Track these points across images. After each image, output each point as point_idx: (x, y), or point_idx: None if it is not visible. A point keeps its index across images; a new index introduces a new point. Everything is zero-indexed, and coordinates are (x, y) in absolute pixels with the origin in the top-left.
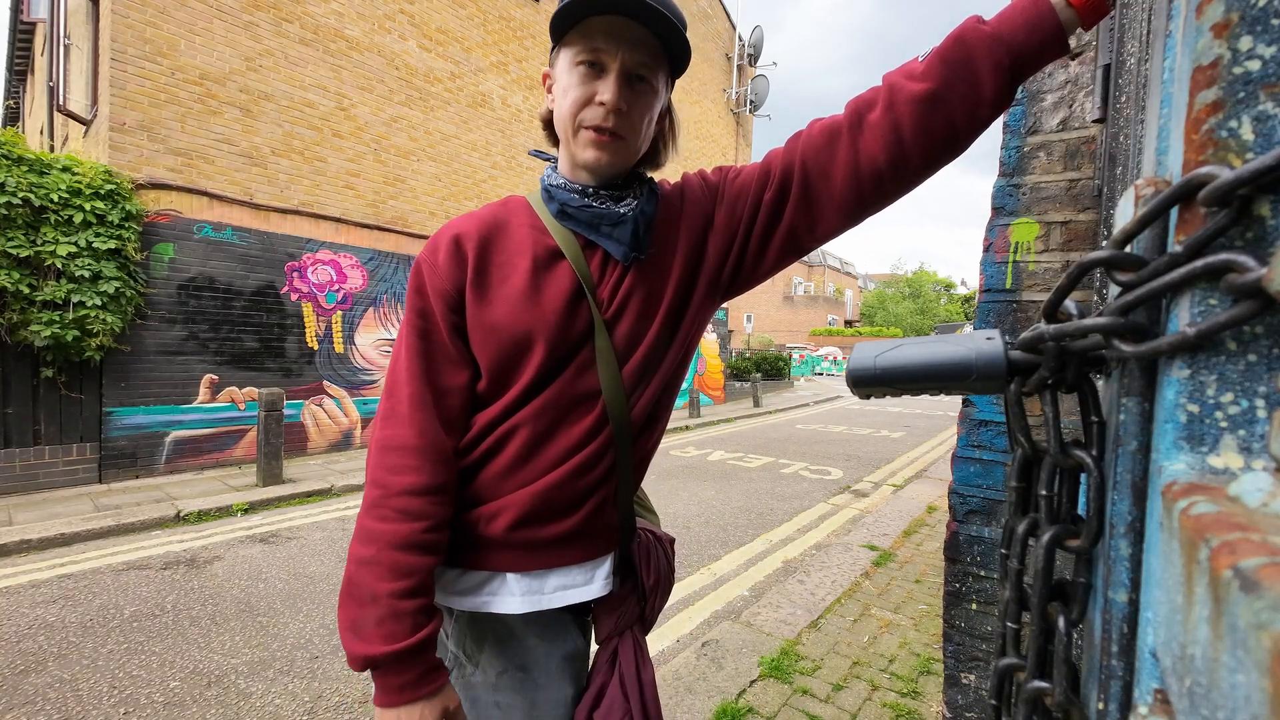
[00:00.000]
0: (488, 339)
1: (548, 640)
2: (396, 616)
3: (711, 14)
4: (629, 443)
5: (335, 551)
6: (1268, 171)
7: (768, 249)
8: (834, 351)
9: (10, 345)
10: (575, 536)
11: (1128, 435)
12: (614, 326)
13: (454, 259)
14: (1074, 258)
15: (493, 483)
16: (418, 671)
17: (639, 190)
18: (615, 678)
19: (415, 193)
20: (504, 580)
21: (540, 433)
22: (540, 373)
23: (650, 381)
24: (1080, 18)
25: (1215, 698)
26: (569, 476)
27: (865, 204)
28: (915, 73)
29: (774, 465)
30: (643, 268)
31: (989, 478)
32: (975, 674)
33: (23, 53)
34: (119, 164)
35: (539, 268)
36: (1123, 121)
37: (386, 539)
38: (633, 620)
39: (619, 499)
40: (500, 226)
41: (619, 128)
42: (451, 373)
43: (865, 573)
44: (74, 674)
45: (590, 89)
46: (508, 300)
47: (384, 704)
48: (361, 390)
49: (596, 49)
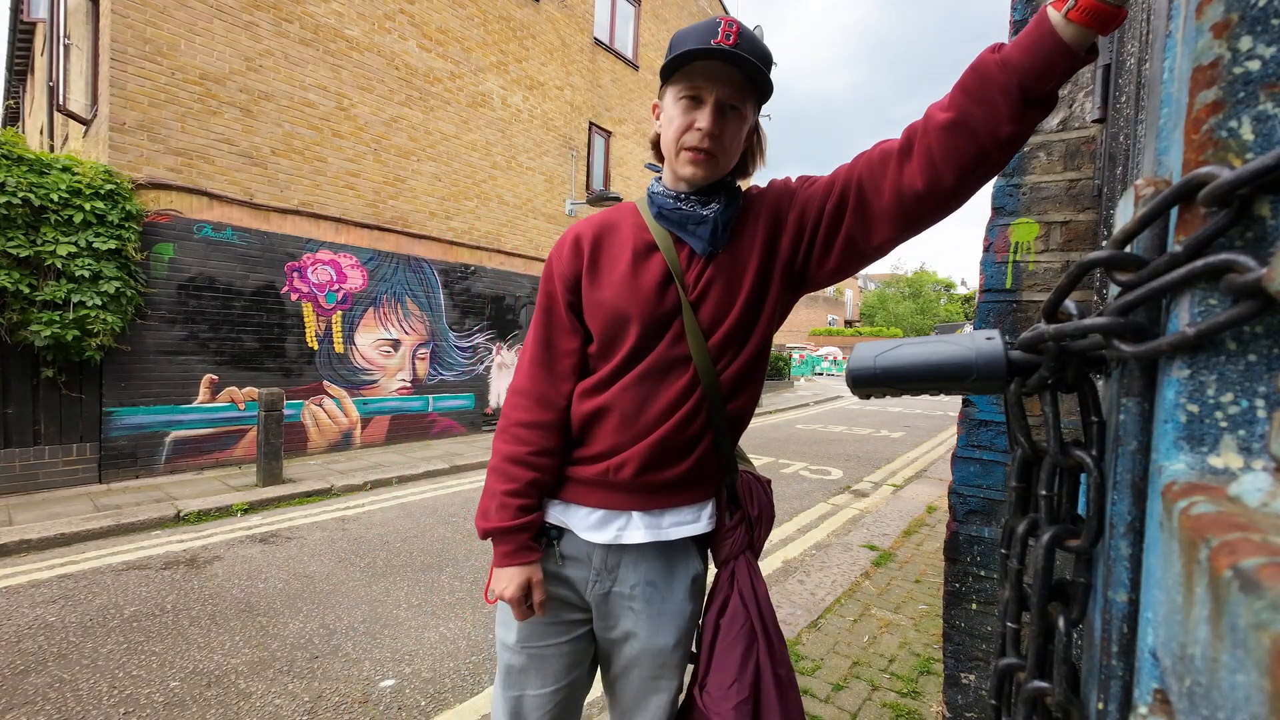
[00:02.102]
0: (596, 312)
1: (673, 562)
2: (503, 507)
3: (711, 14)
4: (721, 404)
5: (335, 551)
6: (1268, 171)
7: (830, 251)
8: (834, 351)
9: (10, 345)
10: (685, 481)
11: (1128, 435)
12: (699, 306)
13: (573, 252)
14: (1074, 258)
15: (614, 434)
16: (514, 545)
17: (722, 197)
18: (735, 592)
19: (415, 193)
20: (630, 517)
21: (646, 391)
22: (638, 341)
23: (738, 354)
24: (1088, 29)
25: (1215, 697)
26: (675, 429)
27: (910, 220)
28: (943, 105)
29: (774, 465)
30: (724, 259)
31: (989, 478)
32: (975, 674)
33: (23, 53)
34: (119, 164)
35: (638, 258)
36: (1123, 121)
37: (502, 454)
38: (744, 546)
39: (720, 451)
40: (612, 226)
41: (713, 148)
42: (565, 339)
43: (865, 573)
44: (74, 674)
45: (691, 118)
46: (613, 284)
47: (495, 566)
48: (361, 390)
49: (697, 87)
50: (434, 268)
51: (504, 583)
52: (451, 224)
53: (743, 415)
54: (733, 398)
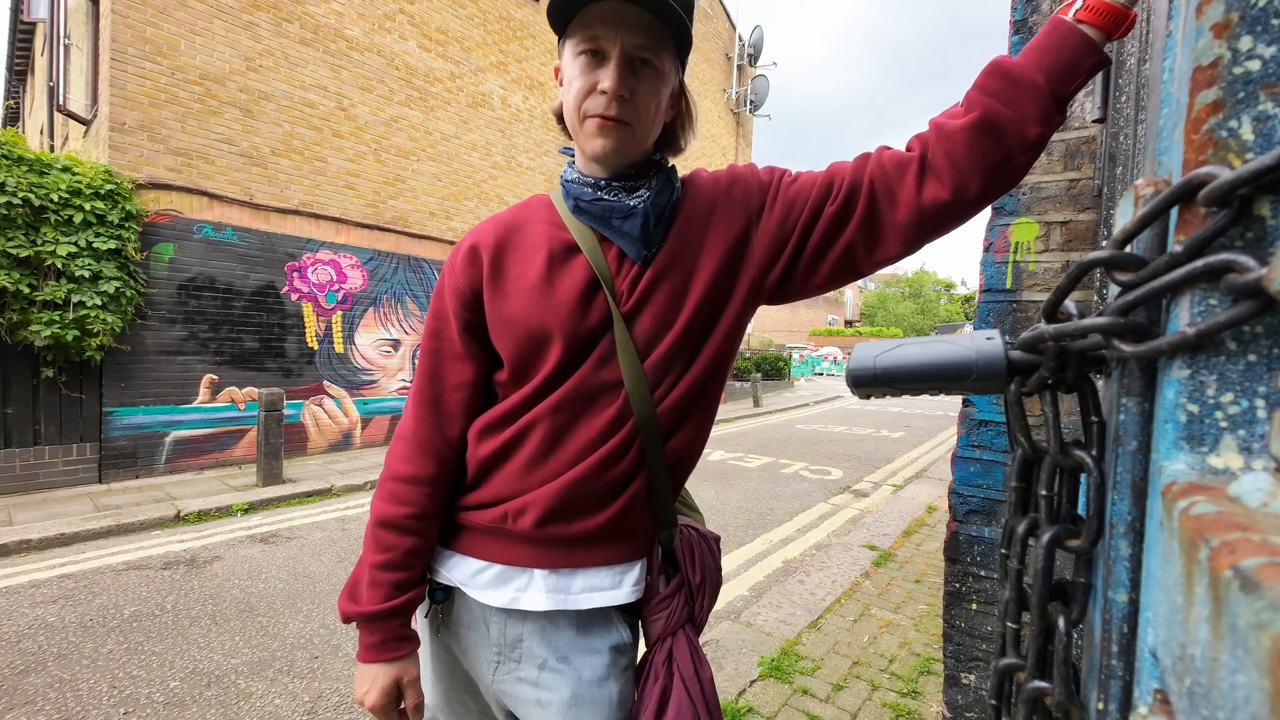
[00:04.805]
0: (505, 332)
1: (589, 634)
2: (374, 584)
3: (711, 14)
4: (658, 440)
5: (335, 551)
6: (1268, 171)
7: (822, 263)
8: (834, 351)
9: (10, 345)
10: (603, 536)
11: (1128, 435)
12: (634, 319)
13: (469, 260)
14: (1074, 258)
15: (518, 476)
16: (383, 636)
17: (652, 181)
18: (678, 682)
19: (415, 193)
20: (531, 576)
21: (562, 424)
22: (559, 364)
23: (680, 378)
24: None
25: (1215, 698)
26: (594, 470)
27: (924, 233)
28: (959, 111)
29: (774, 465)
30: (665, 261)
31: (989, 478)
32: (975, 674)
33: (23, 53)
34: (119, 164)
35: (554, 262)
36: (1123, 121)
37: (375, 515)
38: (683, 620)
39: (654, 500)
40: (518, 226)
41: (624, 114)
42: (455, 369)
43: (865, 573)
44: (74, 674)
45: (592, 78)
46: (522, 294)
47: (358, 659)
48: (361, 390)
49: (595, 37)
50: (434, 268)
51: (366, 684)
52: (452, 224)
53: (687, 455)
54: (674, 432)
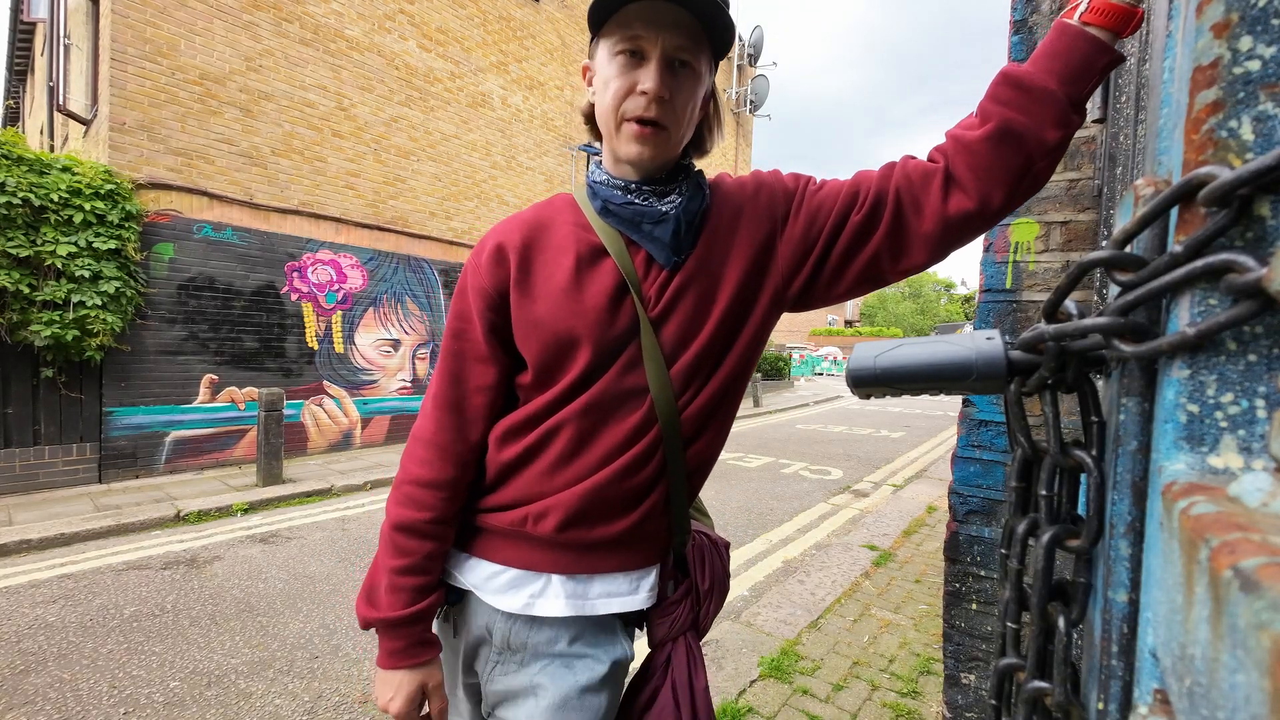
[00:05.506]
0: (531, 335)
1: (596, 643)
2: (395, 589)
3: None
4: (679, 448)
5: (335, 551)
6: (1268, 171)
7: (847, 271)
8: (834, 351)
9: (10, 345)
10: (623, 542)
11: (1128, 435)
12: (662, 325)
13: (495, 260)
14: (1074, 258)
15: (540, 480)
16: (405, 642)
17: (684, 186)
18: (668, 683)
19: (415, 193)
20: (549, 581)
21: (587, 429)
22: (586, 368)
23: (704, 386)
24: (1106, 29)
25: (1215, 698)
26: (617, 476)
27: (949, 243)
28: (975, 122)
29: (774, 465)
30: (693, 267)
31: (989, 478)
32: (975, 674)
33: (23, 53)
34: (119, 164)
35: (582, 265)
36: (1123, 121)
37: (392, 519)
38: (686, 626)
39: (671, 507)
40: (544, 226)
41: (662, 117)
42: (479, 372)
43: (865, 573)
44: (74, 674)
45: (631, 79)
46: (550, 297)
47: (379, 664)
48: (361, 390)
49: (635, 36)
50: (434, 268)
51: (390, 691)
52: (451, 224)
53: (705, 462)
54: (695, 439)
